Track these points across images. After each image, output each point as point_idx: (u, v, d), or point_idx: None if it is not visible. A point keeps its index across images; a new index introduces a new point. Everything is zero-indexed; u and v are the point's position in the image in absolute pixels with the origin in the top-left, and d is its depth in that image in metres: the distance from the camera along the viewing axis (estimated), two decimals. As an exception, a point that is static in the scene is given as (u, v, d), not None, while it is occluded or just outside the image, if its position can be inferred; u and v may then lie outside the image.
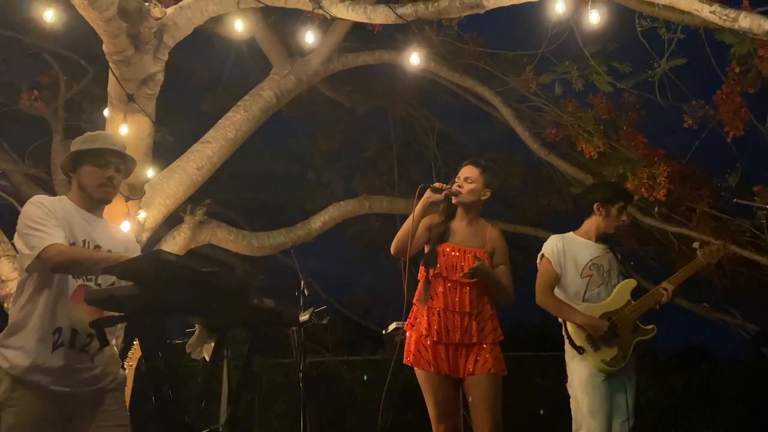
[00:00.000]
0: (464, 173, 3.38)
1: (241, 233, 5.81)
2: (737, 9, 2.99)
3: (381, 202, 6.62)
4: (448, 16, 3.52)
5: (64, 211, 2.47)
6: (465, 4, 3.30)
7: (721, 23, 3.06)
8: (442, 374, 3.18)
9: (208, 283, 2.17)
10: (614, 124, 5.80)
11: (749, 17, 2.97)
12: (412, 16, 3.36)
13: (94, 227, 2.53)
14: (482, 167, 3.40)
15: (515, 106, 6.16)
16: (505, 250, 3.41)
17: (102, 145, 2.52)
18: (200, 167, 5.07)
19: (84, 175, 2.51)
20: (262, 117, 5.51)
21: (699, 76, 4.83)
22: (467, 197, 3.31)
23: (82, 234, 2.48)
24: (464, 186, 3.34)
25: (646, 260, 6.94)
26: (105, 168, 2.52)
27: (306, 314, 3.28)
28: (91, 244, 2.49)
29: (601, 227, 3.69)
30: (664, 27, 3.91)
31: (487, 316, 3.30)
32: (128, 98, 3.68)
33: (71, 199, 2.56)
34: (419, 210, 3.22)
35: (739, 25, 3.00)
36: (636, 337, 3.54)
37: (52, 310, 2.34)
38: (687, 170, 5.60)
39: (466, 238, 3.33)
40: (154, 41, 3.59)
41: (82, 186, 2.52)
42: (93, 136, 2.59)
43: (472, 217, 3.37)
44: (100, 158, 2.51)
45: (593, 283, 3.61)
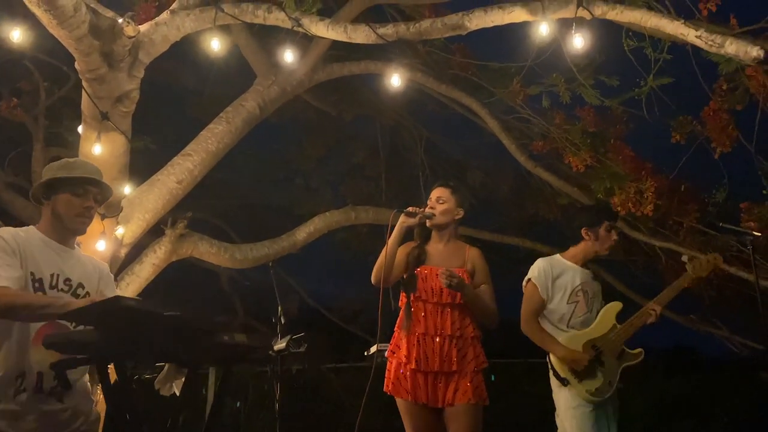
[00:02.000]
0: (436, 194, 3.35)
1: (223, 246, 5.71)
2: (724, 35, 2.93)
3: (367, 213, 6.55)
4: (430, 37, 3.45)
5: (29, 245, 2.36)
6: (447, 25, 3.22)
7: (707, 48, 3.00)
8: (420, 404, 3.12)
9: (171, 326, 2.09)
10: (602, 136, 5.75)
11: (735, 43, 2.91)
12: (393, 37, 3.28)
13: (64, 259, 2.43)
14: (452, 188, 3.38)
15: (502, 118, 6.10)
16: (486, 270, 3.34)
17: (81, 174, 2.43)
18: (180, 181, 4.97)
19: (60, 204, 2.41)
20: (245, 128, 5.41)
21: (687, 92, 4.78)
22: (441, 218, 3.28)
23: (50, 267, 2.38)
24: (437, 207, 3.30)
25: (634, 271, 6.91)
26: (83, 197, 2.43)
27: (283, 342, 3.21)
28: (61, 277, 2.39)
29: (591, 251, 3.63)
30: (650, 47, 3.86)
31: (468, 341, 3.23)
32: (102, 116, 3.58)
33: (40, 229, 2.45)
34: (395, 236, 3.17)
35: (725, 51, 2.94)
36: (622, 363, 3.49)
37: (15, 355, 2.24)
38: (675, 184, 5.56)
39: (444, 259, 3.27)
40: (129, 59, 3.49)
41: (57, 215, 2.42)
42: (71, 163, 2.49)
43: (448, 238, 3.33)
44: (79, 187, 2.42)
45: (579, 309, 3.56)
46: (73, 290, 2.42)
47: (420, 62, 5.95)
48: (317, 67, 5.80)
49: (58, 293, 2.36)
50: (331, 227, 6.37)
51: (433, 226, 3.29)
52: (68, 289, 2.40)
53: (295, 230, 6.23)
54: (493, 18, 3.21)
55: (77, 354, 2.04)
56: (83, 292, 2.45)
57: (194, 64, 7.34)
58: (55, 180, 2.42)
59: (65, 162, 2.49)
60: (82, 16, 3.10)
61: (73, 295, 2.41)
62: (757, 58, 2.81)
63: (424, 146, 7.77)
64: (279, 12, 3.41)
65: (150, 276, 5.15)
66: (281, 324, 3.31)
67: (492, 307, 3.28)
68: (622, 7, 3.13)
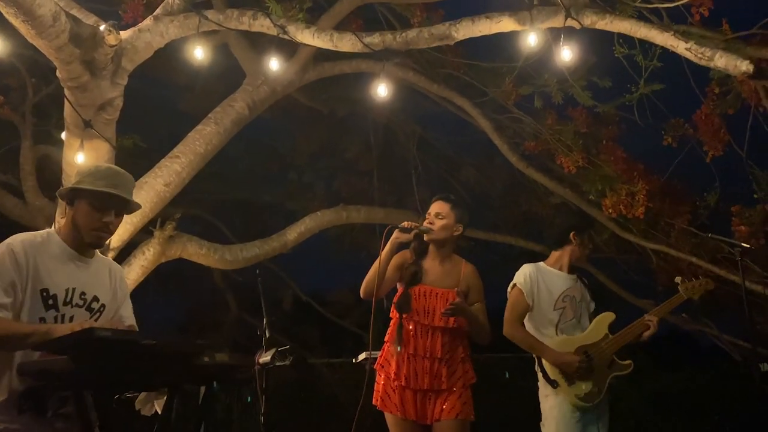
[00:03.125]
0: (435, 209, 3.29)
1: (213, 247, 5.68)
2: (713, 49, 2.89)
3: (359, 212, 6.51)
4: (416, 46, 3.40)
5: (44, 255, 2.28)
6: (434, 35, 3.18)
7: (696, 61, 2.96)
8: (409, 420, 3.11)
9: (148, 354, 2.07)
10: (594, 137, 5.71)
11: (725, 57, 2.87)
12: (380, 46, 3.23)
13: (82, 270, 2.36)
14: (453, 202, 3.33)
15: (494, 117, 6.05)
16: (480, 288, 3.33)
17: (104, 188, 2.30)
18: (168, 183, 4.93)
19: (79, 215, 2.32)
20: (234, 129, 5.37)
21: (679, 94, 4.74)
22: (439, 234, 3.23)
23: (66, 281, 2.31)
24: (435, 222, 3.25)
25: (626, 270, 6.90)
26: (103, 212, 2.32)
27: (268, 355, 3.18)
28: (77, 291, 2.32)
29: (574, 256, 3.66)
30: (641, 55, 3.81)
31: (458, 360, 3.22)
32: (85, 125, 3.53)
33: (61, 235, 2.37)
34: (387, 252, 3.12)
35: (714, 64, 2.91)
36: (612, 372, 3.50)
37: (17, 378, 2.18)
38: (666, 186, 5.53)
39: (440, 278, 3.24)
40: (111, 66, 3.43)
41: (76, 224, 2.33)
42: (101, 172, 2.37)
43: (445, 255, 3.28)
44: (100, 200, 2.31)
45: (566, 315, 3.56)
46: (88, 304, 2.36)
47: (412, 61, 5.88)
48: (308, 66, 5.74)
49: (72, 309, 2.31)
50: (323, 227, 6.34)
51: (430, 241, 3.25)
52: (83, 303, 2.34)
53: (285, 230, 6.20)
54: (481, 28, 3.16)
55: (52, 383, 2.02)
56: (98, 305, 2.39)
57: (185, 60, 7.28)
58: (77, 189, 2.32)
59: (95, 169, 2.38)
60: (62, 25, 3.04)
61: (87, 309, 2.36)
62: (747, 72, 2.77)
63: (417, 143, 7.72)
64: (264, 19, 3.35)
65: (139, 278, 5.13)
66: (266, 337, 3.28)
67: (486, 326, 3.27)
68: (611, 17, 3.08)
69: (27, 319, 2.22)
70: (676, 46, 2.96)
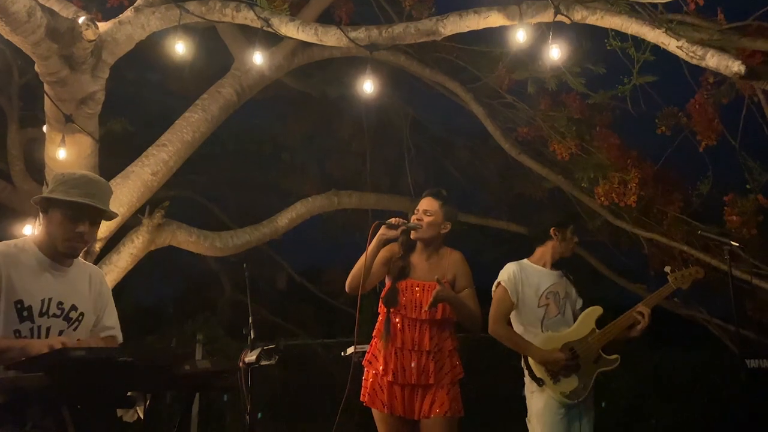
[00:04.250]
0: (424, 205, 3.27)
1: (203, 234, 5.63)
2: (705, 47, 2.82)
3: (350, 198, 6.46)
4: (403, 42, 3.32)
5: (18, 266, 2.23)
6: (420, 30, 3.10)
7: (688, 59, 2.90)
8: (396, 416, 3.11)
9: (126, 370, 2.05)
10: (587, 123, 5.64)
11: (716, 56, 2.80)
12: (365, 41, 3.15)
13: (58, 279, 2.31)
14: (442, 200, 3.29)
15: (487, 102, 5.97)
16: (468, 274, 3.31)
17: (78, 198, 2.23)
18: (155, 172, 4.88)
19: (53, 224, 2.26)
20: (222, 116, 5.29)
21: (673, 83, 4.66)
22: (427, 232, 3.21)
23: (42, 292, 2.27)
24: (424, 219, 3.23)
25: (618, 255, 6.91)
26: (77, 222, 2.26)
27: (253, 354, 3.18)
28: (53, 301, 2.28)
29: (557, 252, 3.63)
30: (633, 47, 3.73)
31: (446, 354, 3.22)
32: (66, 119, 3.46)
33: (37, 243, 2.31)
34: (373, 248, 3.10)
35: (706, 64, 2.85)
36: (598, 367, 3.49)
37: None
38: (660, 173, 5.49)
39: (427, 272, 3.22)
40: (92, 60, 3.35)
41: (50, 234, 2.27)
42: (75, 180, 2.29)
43: (432, 250, 3.27)
44: (73, 210, 2.24)
45: (550, 312, 3.55)
46: (66, 314, 2.32)
47: (404, 44, 5.77)
48: (297, 51, 5.63)
49: (49, 319, 2.27)
50: (314, 212, 6.29)
51: (417, 238, 3.23)
52: (60, 312, 2.30)
53: (276, 216, 6.15)
54: (469, 23, 3.08)
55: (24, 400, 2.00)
56: (76, 314, 2.35)
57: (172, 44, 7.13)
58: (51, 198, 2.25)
59: (69, 177, 2.30)
60: (38, 20, 2.96)
61: (65, 318, 2.32)
62: (738, 73, 2.71)
63: (410, 125, 7.64)
64: (248, 11, 3.26)
65: (128, 266, 5.10)
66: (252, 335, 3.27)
67: (476, 312, 3.24)
68: (602, 12, 3.01)
69: (1, 332, 2.18)
70: (668, 43, 2.90)
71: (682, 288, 3.61)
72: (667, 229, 5.55)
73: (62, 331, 2.30)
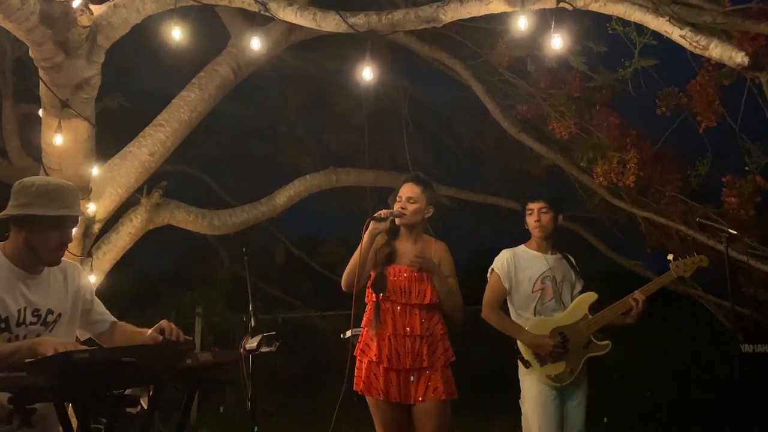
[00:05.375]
0: (406, 192, 3.33)
1: (201, 213, 5.63)
2: (709, 37, 2.79)
3: (348, 175, 6.45)
4: (403, 28, 3.28)
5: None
6: (420, 17, 3.05)
7: (691, 49, 2.87)
8: (392, 402, 3.17)
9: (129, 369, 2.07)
10: (587, 101, 5.60)
11: (720, 47, 2.77)
12: (364, 27, 3.11)
13: (31, 288, 2.36)
14: (423, 184, 3.36)
15: (487, 79, 5.91)
16: (451, 264, 3.39)
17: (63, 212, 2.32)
18: (153, 153, 4.86)
19: (36, 238, 2.32)
20: (219, 95, 5.24)
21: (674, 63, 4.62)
22: (411, 218, 3.30)
23: (17, 302, 2.31)
24: (408, 207, 3.30)
25: (615, 232, 6.93)
26: (61, 231, 2.35)
27: (254, 341, 3.21)
28: (29, 309, 2.33)
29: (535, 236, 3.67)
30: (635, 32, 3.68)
31: (438, 338, 3.28)
32: (62, 105, 3.43)
33: (7, 254, 2.35)
34: (366, 243, 3.16)
35: (709, 54, 2.82)
36: (587, 353, 3.55)
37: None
38: (659, 153, 5.48)
39: (410, 256, 3.27)
40: (87, 45, 3.30)
41: (32, 248, 2.33)
42: (50, 192, 2.33)
43: (417, 235, 3.36)
44: (58, 222, 2.33)
45: (545, 296, 3.62)
46: (43, 319, 2.37)
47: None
48: (294, 27, 5.53)
49: (27, 327, 2.32)
50: (312, 190, 6.29)
51: (402, 224, 3.30)
52: (37, 320, 2.35)
53: (275, 194, 6.14)
54: (469, 9, 3.04)
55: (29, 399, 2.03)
56: (53, 317, 2.40)
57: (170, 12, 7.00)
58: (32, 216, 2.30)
59: (42, 189, 2.33)
60: (31, 7, 2.90)
61: (42, 323, 2.37)
62: (741, 64, 2.69)
63: (409, 99, 7.57)
64: (245, -6, 3.20)
65: (127, 245, 5.11)
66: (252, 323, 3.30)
67: (458, 299, 3.32)
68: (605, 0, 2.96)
69: None
70: (671, 32, 2.87)
71: (683, 276, 3.63)
72: (665, 209, 5.57)
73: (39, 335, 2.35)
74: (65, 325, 2.44)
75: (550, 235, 3.65)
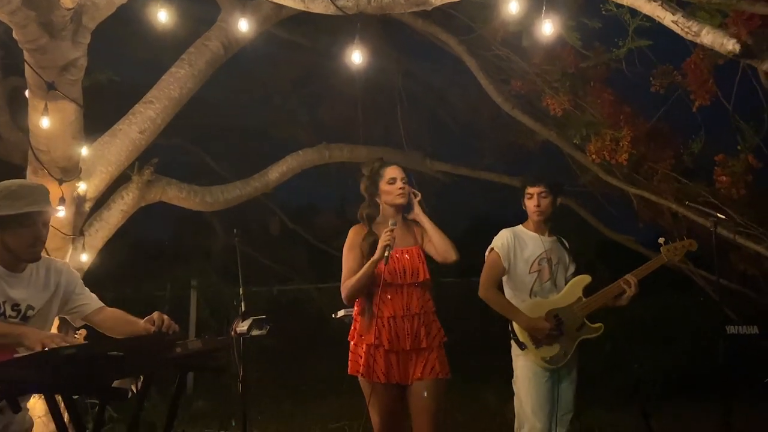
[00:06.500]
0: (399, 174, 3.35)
1: (193, 189, 5.62)
2: (701, 23, 2.75)
3: (341, 151, 6.42)
4: (392, 11, 3.23)
5: None
6: (410, 1, 3.01)
7: (683, 35, 2.84)
8: (392, 383, 3.20)
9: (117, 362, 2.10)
10: (582, 77, 5.55)
11: (712, 33, 2.74)
12: (353, 10, 3.06)
13: (11, 283, 2.45)
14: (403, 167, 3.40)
15: (481, 54, 5.84)
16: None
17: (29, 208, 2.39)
18: (143, 130, 4.83)
19: (9, 238, 2.41)
20: (209, 71, 5.18)
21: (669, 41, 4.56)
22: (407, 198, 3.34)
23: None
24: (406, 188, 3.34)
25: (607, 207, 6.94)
26: (32, 227, 2.42)
27: (245, 325, 3.24)
28: (8, 304, 2.42)
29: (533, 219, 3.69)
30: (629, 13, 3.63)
31: (431, 317, 3.32)
32: (48, 87, 3.39)
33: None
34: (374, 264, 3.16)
35: (700, 40, 2.79)
36: (581, 335, 3.60)
37: None
38: (652, 130, 5.46)
39: (401, 237, 3.30)
40: (72, 26, 3.25)
41: (7, 248, 2.42)
42: (15, 192, 2.42)
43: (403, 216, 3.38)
44: (26, 219, 2.40)
45: (542, 278, 3.64)
46: (23, 314, 2.46)
47: None
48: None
49: (7, 320, 2.40)
50: (305, 166, 6.27)
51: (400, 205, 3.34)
52: (17, 314, 2.44)
53: (267, 170, 6.12)
54: (459, -8, 2.98)
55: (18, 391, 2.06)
56: (33, 313, 2.49)
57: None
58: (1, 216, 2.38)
59: (7, 191, 2.41)
60: (13, -11, 2.85)
61: (22, 318, 2.45)
62: (733, 51, 2.66)
63: (403, 72, 7.49)
64: (232, -26, 3.13)
65: (119, 222, 5.12)
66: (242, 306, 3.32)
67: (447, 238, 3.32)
68: (597, -18, 2.91)
69: None
70: (663, 17, 2.83)
71: (673, 260, 3.67)
72: (658, 186, 5.57)
73: None
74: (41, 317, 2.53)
75: (548, 218, 3.67)
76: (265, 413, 6.60)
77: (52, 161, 3.79)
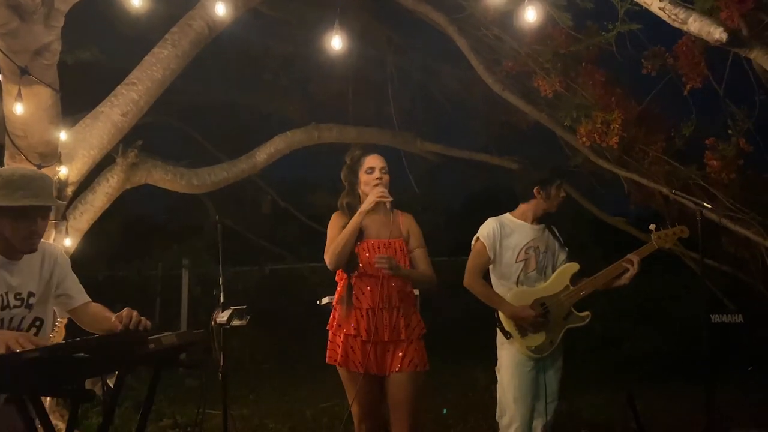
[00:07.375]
0: (379, 163, 3.29)
1: (179, 172, 5.56)
2: (688, 10, 2.68)
3: (330, 131, 6.35)
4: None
5: None
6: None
7: (670, 22, 2.77)
8: (370, 374, 3.19)
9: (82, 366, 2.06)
10: (573, 57, 5.45)
11: (699, 21, 2.67)
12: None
13: (11, 271, 2.42)
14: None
15: (472, 33, 5.73)
16: (419, 234, 3.39)
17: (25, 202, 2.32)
18: (125, 113, 4.74)
19: (5, 228, 2.35)
20: (193, 51, 5.07)
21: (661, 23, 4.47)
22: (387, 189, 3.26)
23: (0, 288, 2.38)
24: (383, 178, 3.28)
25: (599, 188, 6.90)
26: (31, 222, 2.36)
27: (225, 315, 3.21)
28: (11, 294, 2.40)
29: (540, 209, 3.65)
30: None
31: (411, 309, 3.31)
32: (21, 72, 3.30)
33: None
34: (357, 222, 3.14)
35: (687, 28, 2.72)
36: (567, 324, 3.57)
37: None
38: (643, 113, 5.38)
39: (381, 229, 3.28)
40: (43, 9, 3.16)
41: (3, 237, 2.37)
42: (16, 181, 2.34)
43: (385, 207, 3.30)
44: (23, 211, 2.34)
45: (528, 267, 3.61)
46: (26, 302, 2.45)
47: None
48: (270, -22, 5.32)
49: (12, 311, 2.39)
50: (293, 147, 6.20)
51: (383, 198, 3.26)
52: (20, 303, 2.43)
53: (255, 151, 6.05)
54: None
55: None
56: (35, 300, 2.48)
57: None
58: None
59: (7, 179, 2.34)
60: (-21, -28, 2.76)
61: (26, 306, 2.44)
62: (720, 40, 2.60)
63: (394, 49, 7.37)
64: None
65: (104, 205, 5.08)
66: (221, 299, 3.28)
67: (428, 273, 3.33)
68: (584, -33, 2.83)
69: None
70: (650, 3, 2.76)
71: (664, 247, 3.63)
72: (649, 168, 5.51)
73: (24, 317, 2.44)
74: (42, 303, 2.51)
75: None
76: (257, 392, 6.64)
77: (29, 146, 3.72)
